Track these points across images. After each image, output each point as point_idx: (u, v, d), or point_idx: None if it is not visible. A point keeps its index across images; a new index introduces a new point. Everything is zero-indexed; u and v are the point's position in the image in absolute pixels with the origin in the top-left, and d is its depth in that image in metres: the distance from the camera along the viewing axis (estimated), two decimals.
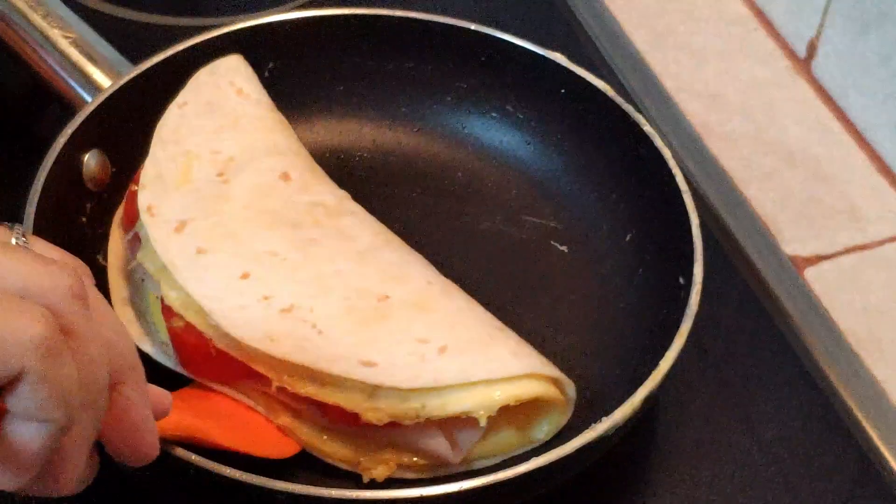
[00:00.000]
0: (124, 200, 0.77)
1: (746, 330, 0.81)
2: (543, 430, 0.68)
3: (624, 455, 0.71)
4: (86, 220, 0.75)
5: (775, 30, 1.03)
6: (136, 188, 0.74)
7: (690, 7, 1.06)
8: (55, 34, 0.80)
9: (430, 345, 0.66)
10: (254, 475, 0.59)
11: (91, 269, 0.72)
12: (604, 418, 0.63)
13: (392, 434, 0.65)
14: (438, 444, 0.66)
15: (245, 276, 0.68)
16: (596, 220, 0.81)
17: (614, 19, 1.03)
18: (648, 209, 0.78)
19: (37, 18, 0.80)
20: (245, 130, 0.76)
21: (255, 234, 0.70)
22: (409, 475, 0.67)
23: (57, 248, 0.52)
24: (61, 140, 0.73)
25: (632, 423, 0.65)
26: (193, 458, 0.59)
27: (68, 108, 0.78)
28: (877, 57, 0.90)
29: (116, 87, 0.77)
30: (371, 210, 0.76)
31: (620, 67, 0.99)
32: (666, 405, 0.75)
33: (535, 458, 0.60)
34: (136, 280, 0.73)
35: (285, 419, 0.67)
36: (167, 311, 0.68)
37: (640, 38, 1.02)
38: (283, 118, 0.80)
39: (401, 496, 0.59)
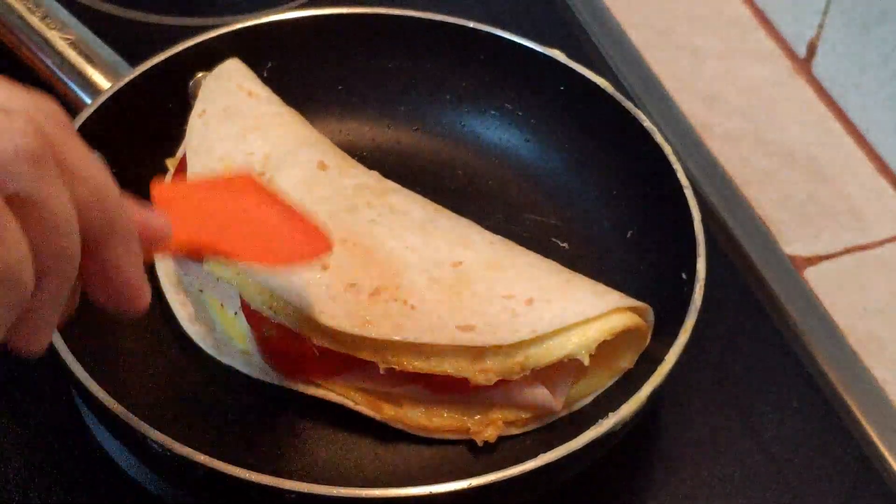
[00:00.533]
0: None
1: (746, 330, 0.81)
2: (627, 357, 0.70)
3: (624, 455, 0.72)
4: None
5: (775, 30, 1.03)
6: None
7: (690, 7, 1.06)
8: (54, 36, 0.80)
9: (516, 299, 0.68)
10: (262, 475, 0.59)
11: None
12: (610, 414, 0.63)
13: (496, 394, 0.68)
14: (540, 394, 0.68)
15: (325, 267, 0.69)
16: (597, 216, 0.81)
17: (614, 19, 1.03)
18: (649, 205, 0.78)
19: (35, 20, 0.80)
20: (268, 128, 0.77)
21: None
22: (515, 431, 0.70)
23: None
24: None
25: (637, 419, 0.65)
26: (201, 458, 0.59)
27: (67, 109, 0.78)
28: (877, 57, 0.90)
29: (115, 89, 0.77)
30: None
31: (620, 67, 0.99)
32: (666, 405, 0.75)
33: (542, 454, 0.61)
34: (195, 293, 0.74)
35: (389, 412, 0.69)
36: (255, 320, 0.69)
37: (640, 38, 1.02)
38: (295, 111, 0.80)
39: (409, 494, 0.60)
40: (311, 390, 0.70)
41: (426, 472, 0.69)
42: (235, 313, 0.72)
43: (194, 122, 0.76)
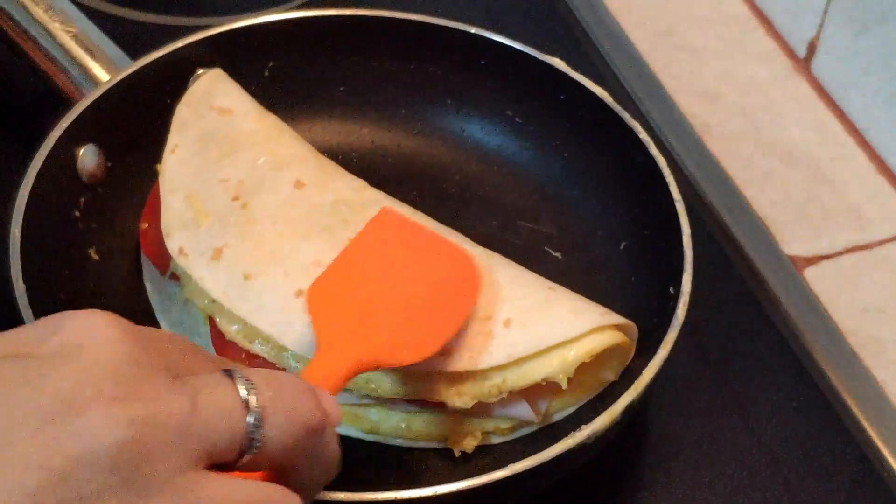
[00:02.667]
0: (140, 240, 0.76)
1: (746, 330, 0.80)
2: (612, 370, 0.69)
3: (623, 455, 0.72)
4: (79, 213, 0.75)
5: (775, 30, 1.03)
6: (145, 226, 0.75)
7: (690, 7, 1.06)
8: (56, 28, 0.80)
9: (493, 321, 0.67)
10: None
11: (83, 263, 0.72)
12: (583, 426, 0.63)
13: (475, 407, 0.67)
14: (521, 409, 0.68)
15: (300, 293, 0.67)
16: (591, 227, 0.80)
17: (614, 20, 1.03)
18: (643, 217, 0.77)
19: (38, 12, 0.80)
20: (243, 150, 0.76)
21: (294, 248, 0.70)
22: (495, 440, 0.69)
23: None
24: (56, 133, 0.73)
25: (613, 432, 0.64)
26: None
27: (68, 102, 0.78)
28: (877, 57, 0.90)
29: (114, 82, 0.77)
30: None
31: (620, 68, 0.99)
32: (665, 405, 0.75)
33: (512, 464, 0.60)
34: (172, 293, 0.74)
35: (364, 425, 0.69)
36: (227, 354, 0.68)
37: (640, 38, 1.02)
38: (275, 120, 0.79)
39: (373, 499, 0.59)
40: None
41: (403, 477, 0.68)
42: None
43: (167, 159, 0.75)
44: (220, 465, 0.44)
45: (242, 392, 0.45)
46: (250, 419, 0.44)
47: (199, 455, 0.43)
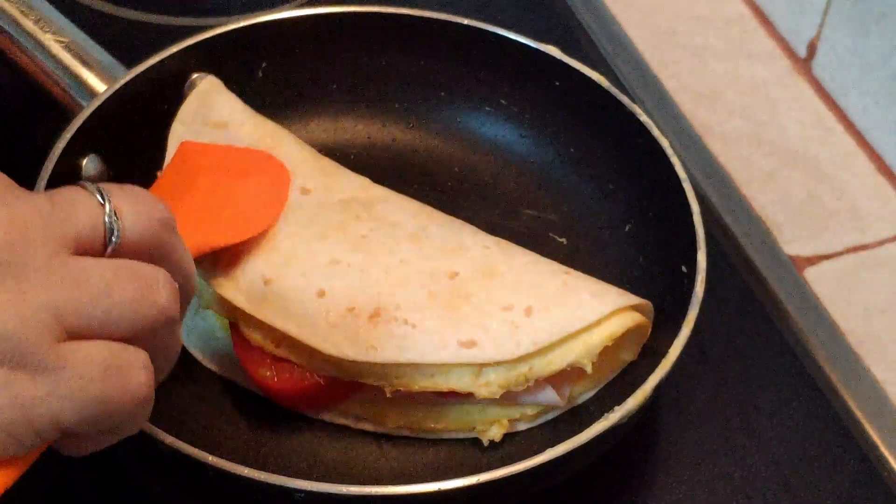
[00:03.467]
0: None
1: (746, 330, 0.80)
2: (630, 350, 0.70)
3: (624, 455, 0.71)
4: None
5: (775, 30, 1.03)
6: None
7: (690, 7, 1.06)
8: (48, 39, 0.79)
9: (515, 310, 0.68)
10: (272, 474, 0.59)
11: None
12: (616, 408, 0.63)
13: (503, 395, 0.67)
14: (547, 394, 0.68)
15: (321, 293, 0.68)
16: (594, 211, 0.81)
17: (614, 19, 1.03)
18: (647, 199, 0.78)
19: (28, 24, 0.80)
20: None
21: (310, 249, 0.70)
22: (521, 427, 0.70)
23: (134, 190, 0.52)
24: (60, 146, 0.73)
25: (642, 413, 0.65)
26: (211, 459, 0.59)
27: (64, 112, 0.78)
28: (877, 57, 0.90)
29: (111, 91, 0.77)
30: None
31: (620, 68, 0.99)
32: (666, 405, 0.75)
33: (550, 448, 0.61)
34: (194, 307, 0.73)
35: (393, 422, 0.69)
36: (251, 361, 0.68)
37: (640, 37, 1.02)
38: (272, 127, 0.79)
39: (418, 491, 0.60)
40: (319, 414, 0.70)
41: (432, 468, 0.69)
42: None
43: None
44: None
45: (96, 195, 0.50)
46: (107, 211, 0.49)
47: (66, 242, 0.48)
